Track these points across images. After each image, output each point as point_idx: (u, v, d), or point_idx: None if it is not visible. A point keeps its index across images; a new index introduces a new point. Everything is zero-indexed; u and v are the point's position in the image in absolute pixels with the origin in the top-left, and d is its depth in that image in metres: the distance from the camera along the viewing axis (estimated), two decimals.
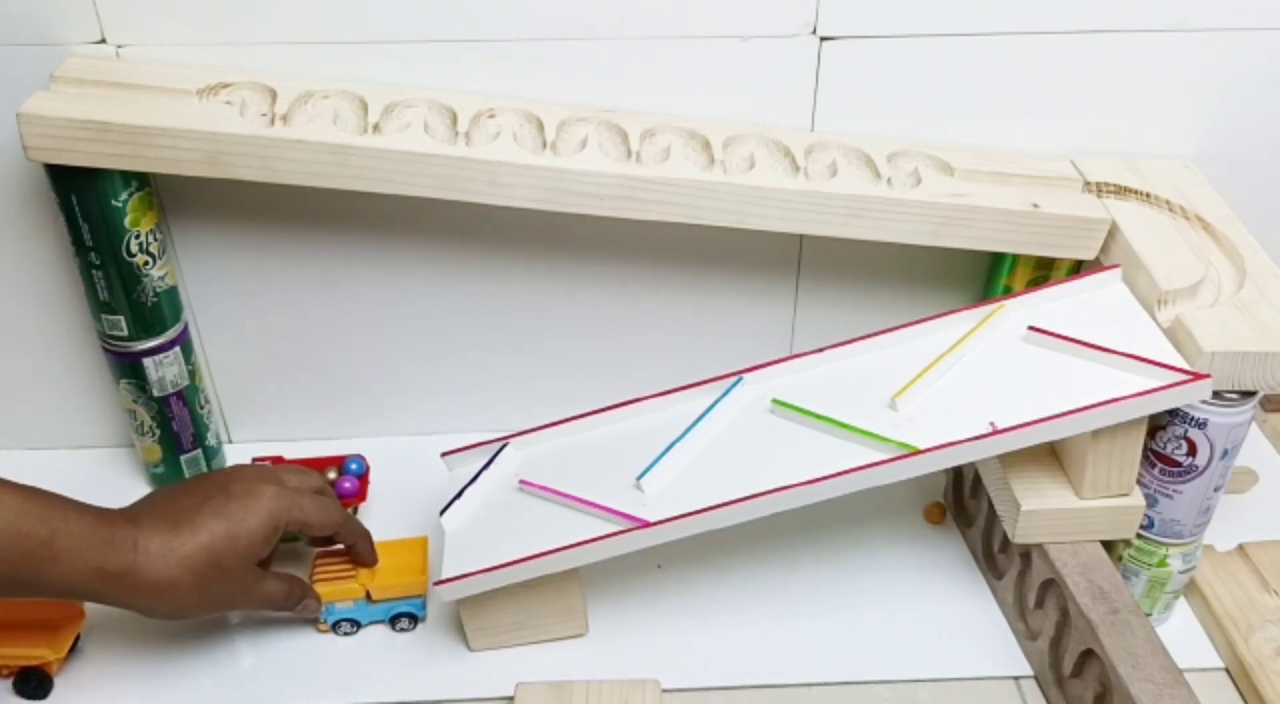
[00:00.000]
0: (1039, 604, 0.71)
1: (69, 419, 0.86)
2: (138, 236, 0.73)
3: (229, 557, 0.64)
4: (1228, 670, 0.71)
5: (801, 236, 0.81)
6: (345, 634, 0.72)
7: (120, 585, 0.61)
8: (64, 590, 0.60)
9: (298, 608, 0.70)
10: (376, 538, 0.73)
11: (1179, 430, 0.67)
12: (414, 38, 0.72)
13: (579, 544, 0.67)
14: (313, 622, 0.72)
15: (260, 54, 0.72)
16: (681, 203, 0.72)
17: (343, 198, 0.73)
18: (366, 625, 0.72)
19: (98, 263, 0.73)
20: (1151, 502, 0.69)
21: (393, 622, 0.72)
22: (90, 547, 0.60)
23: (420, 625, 0.73)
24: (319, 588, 0.71)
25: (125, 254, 0.73)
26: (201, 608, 0.65)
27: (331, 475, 0.80)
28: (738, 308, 0.84)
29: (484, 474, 0.74)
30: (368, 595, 0.71)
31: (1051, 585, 0.69)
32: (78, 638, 0.70)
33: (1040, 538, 0.69)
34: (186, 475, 0.83)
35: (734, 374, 0.74)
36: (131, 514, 0.63)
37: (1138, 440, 0.66)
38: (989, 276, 0.82)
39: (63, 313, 0.81)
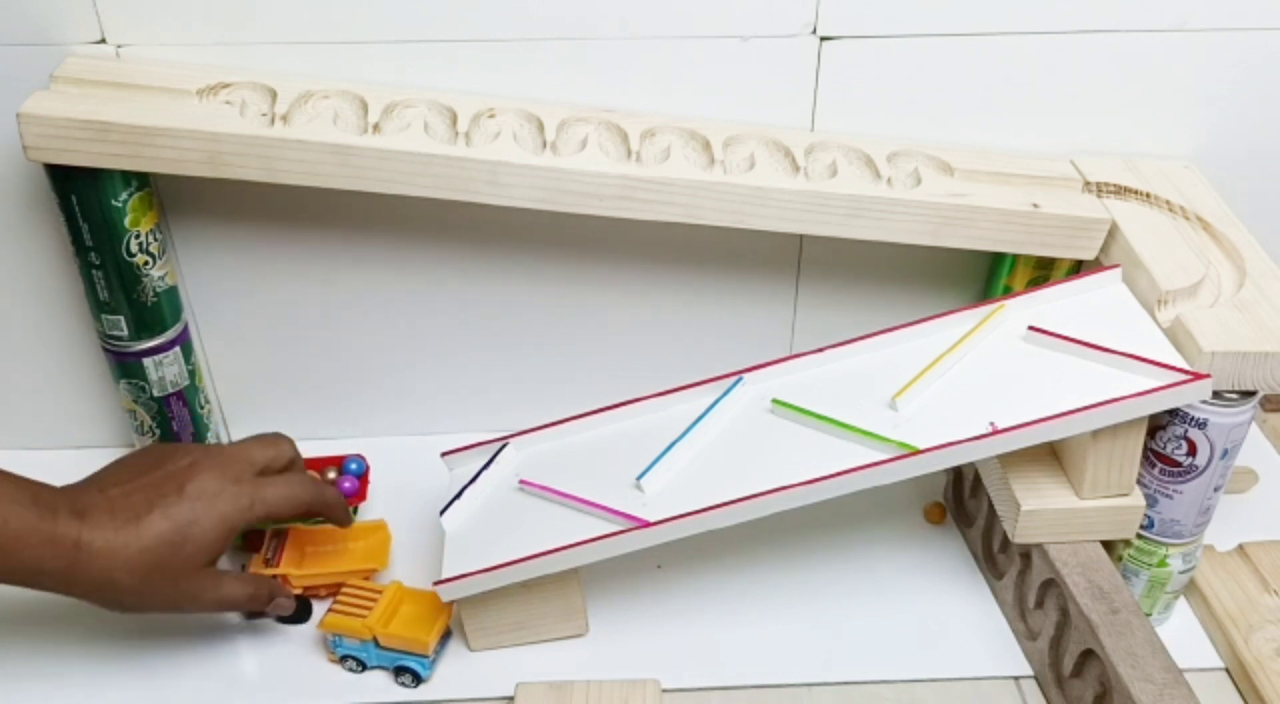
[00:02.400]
0: (1039, 604, 0.71)
1: (69, 419, 0.86)
2: (138, 236, 0.73)
3: (173, 562, 0.62)
4: (1228, 670, 0.71)
5: (801, 236, 0.81)
6: (350, 670, 0.70)
7: (56, 581, 0.60)
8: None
9: (268, 608, 0.68)
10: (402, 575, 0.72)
11: (1179, 430, 0.67)
12: (414, 38, 0.72)
13: (579, 544, 0.67)
14: (324, 650, 0.71)
15: (260, 54, 0.72)
16: (681, 203, 0.72)
17: (343, 198, 0.73)
18: (372, 668, 0.70)
19: (98, 263, 0.73)
20: (1151, 502, 0.69)
21: (396, 673, 0.70)
22: (29, 546, 0.59)
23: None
24: (331, 616, 0.69)
25: (125, 254, 0.73)
26: (143, 608, 0.64)
27: (331, 475, 0.80)
28: (738, 308, 0.84)
29: (484, 474, 0.74)
30: (375, 640, 0.69)
31: (1051, 585, 0.69)
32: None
33: (1040, 538, 0.69)
34: None
35: (734, 374, 0.74)
36: (78, 504, 0.61)
37: (1138, 440, 0.66)
38: (989, 276, 0.82)
39: (63, 313, 0.81)
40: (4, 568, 0.59)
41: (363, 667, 0.70)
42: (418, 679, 0.70)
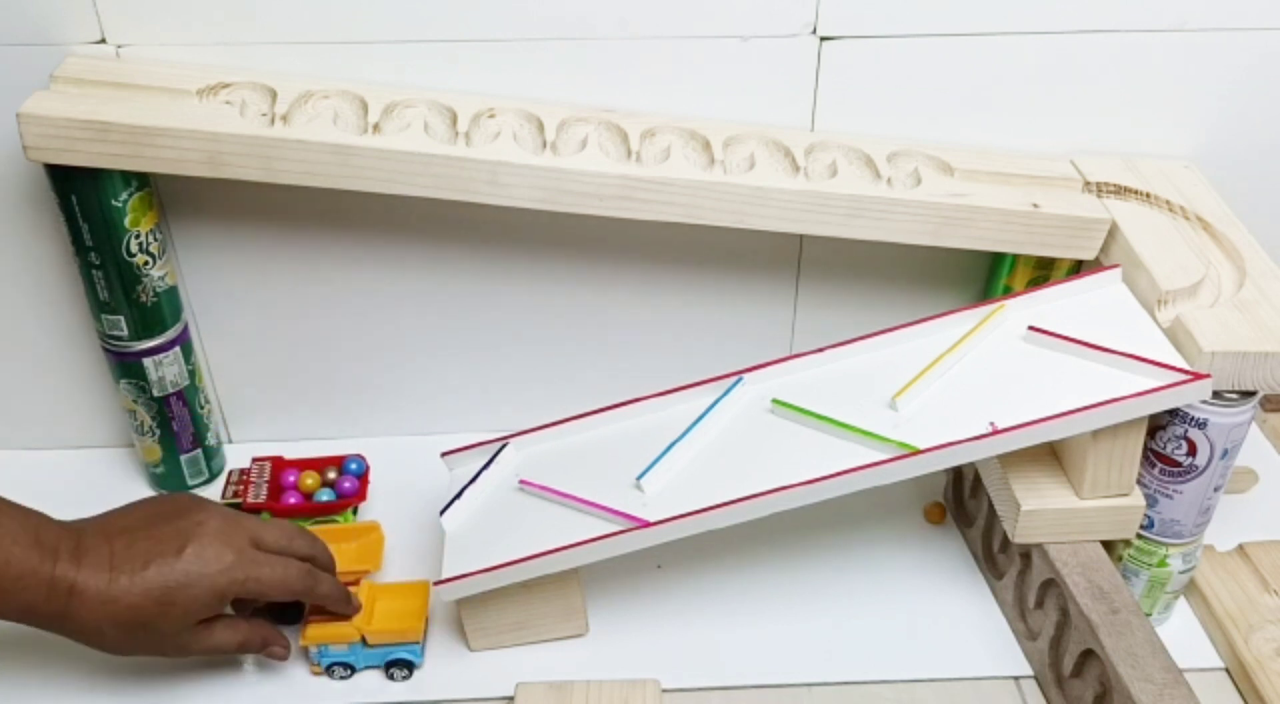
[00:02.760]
0: (1039, 604, 0.71)
1: (69, 419, 0.86)
2: (138, 236, 0.73)
3: (159, 620, 0.62)
4: (1228, 670, 0.71)
5: (801, 236, 0.81)
6: (339, 678, 0.70)
7: (46, 621, 0.61)
8: None
9: (262, 653, 0.68)
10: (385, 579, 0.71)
11: (1179, 430, 0.67)
12: (414, 38, 0.72)
13: (579, 544, 0.67)
14: (306, 663, 0.70)
15: (260, 54, 0.72)
16: (681, 203, 0.72)
17: (343, 198, 0.73)
18: (361, 670, 0.70)
19: (98, 263, 0.73)
20: (1151, 502, 0.69)
21: (387, 668, 0.70)
22: (26, 588, 0.59)
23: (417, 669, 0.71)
24: (312, 628, 0.69)
25: (125, 254, 0.73)
26: (130, 654, 0.64)
27: (331, 475, 0.80)
28: (738, 308, 0.84)
29: (484, 474, 0.74)
30: (363, 639, 0.69)
31: (1051, 585, 0.69)
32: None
33: (1040, 538, 0.69)
34: (186, 475, 0.83)
35: (734, 374, 0.74)
36: (80, 546, 0.61)
37: (1138, 440, 0.66)
38: (989, 276, 0.82)
39: (63, 313, 0.81)
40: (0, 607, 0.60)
41: (351, 671, 0.70)
42: (411, 669, 0.70)
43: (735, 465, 0.69)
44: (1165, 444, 0.68)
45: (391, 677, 0.70)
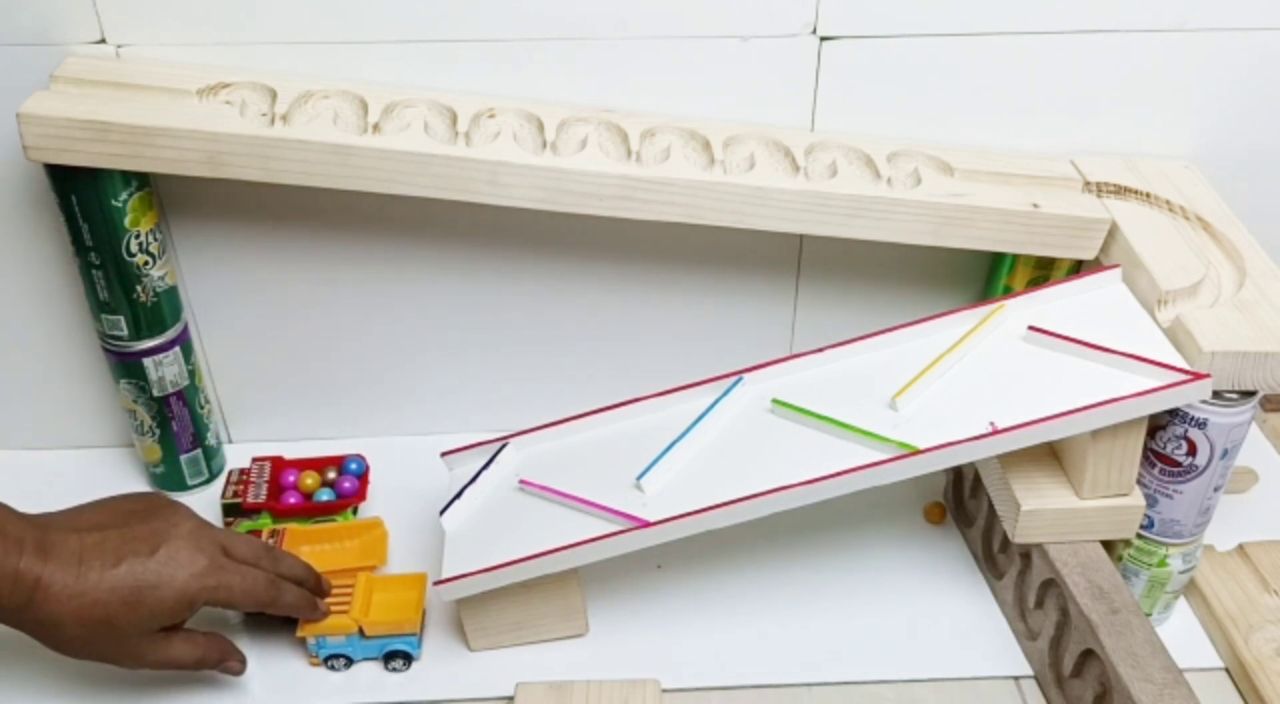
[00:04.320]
0: (1039, 604, 0.71)
1: (69, 419, 0.86)
2: (138, 236, 0.73)
3: (123, 620, 0.61)
4: (1228, 670, 0.71)
5: (801, 236, 0.81)
6: (336, 669, 0.70)
7: (6, 615, 0.59)
8: None
9: (217, 668, 0.67)
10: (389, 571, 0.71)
11: (1179, 430, 0.67)
12: (414, 38, 0.72)
13: (579, 544, 0.67)
14: (305, 655, 0.71)
15: (260, 54, 0.72)
16: (681, 203, 0.72)
17: (343, 198, 0.73)
18: (359, 662, 0.71)
19: (98, 263, 0.73)
20: (1151, 502, 0.69)
21: (386, 660, 0.70)
22: None
23: (415, 661, 0.71)
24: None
25: (125, 254, 0.73)
26: (84, 656, 0.63)
27: (331, 475, 0.80)
28: (738, 308, 0.84)
29: (484, 474, 0.74)
30: (360, 631, 0.69)
31: (1051, 585, 0.69)
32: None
33: (1040, 538, 0.69)
34: (186, 475, 0.83)
35: (734, 374, 0.74)
36: (46, 540, 0.60)
37: (1138, 440, 0.66)
38: (989, 276, 0.82)
39: (63, 313, 0.81)
40: None
41: (349, 663, 0.70)
42: (409, 661, 0.70)
43: (735, 465, 0.69)
44: (1165, 444, 0.68)
45: (390, 668, 0.70)
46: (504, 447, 0.76)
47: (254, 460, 0.82)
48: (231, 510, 0.79)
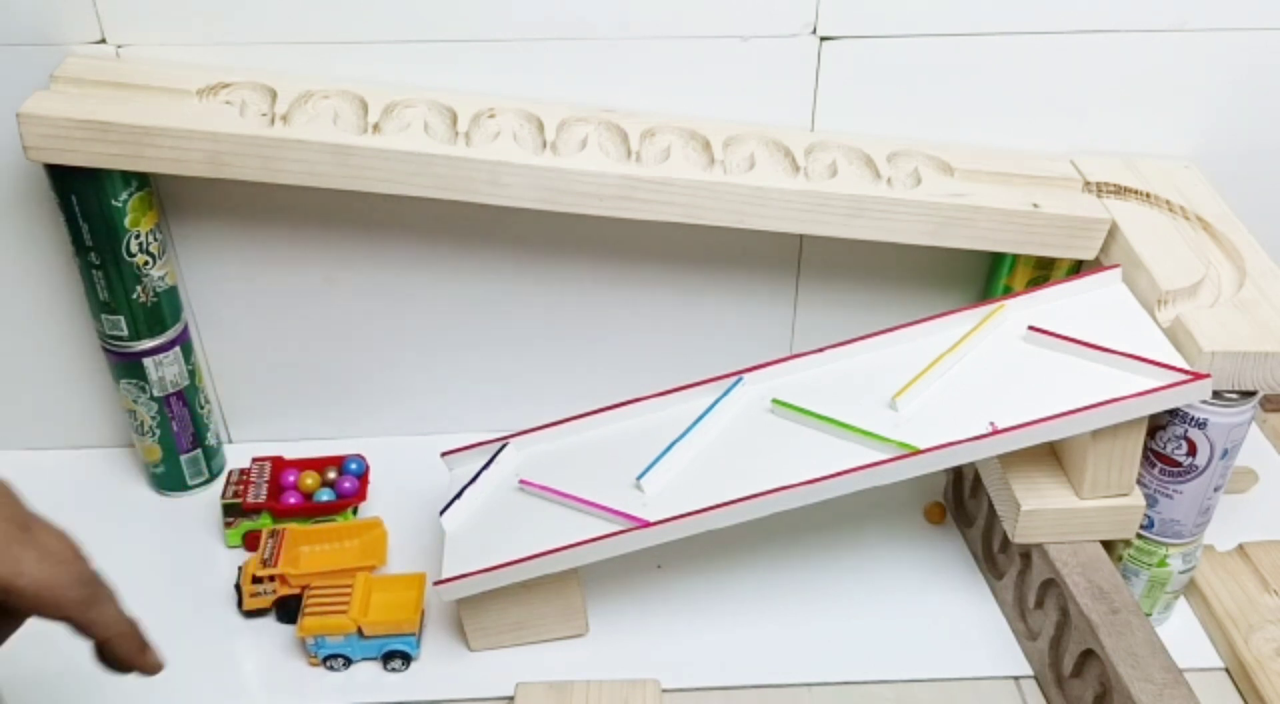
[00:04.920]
0: (1039, 604, 0.71)
1: (69, 419, 0.86)
2: (138, 236, 0.73)
3: None
4: (1228, 670, 0.71)
5: (801, 236, 0.81)
6: (335, 669, 0.70)
7: None
8: None
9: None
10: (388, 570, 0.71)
11: (1179, 430, 0.67)
12: (414, 38, 0.72)
13: (579, 544, 0.67)
14: (304, 655, 0.71)
15: (260, 54, 0.72)
16: (681, 203, 0.72)
17: (343, 198, 0.73)
18: (357, 661, 0.71)
19: (98, 263, 0.73)
20: (1151, 502, 0.69)
21: (384, 660, 0.70)
22: None
23: (414, 661, 0.71)
24: (309, 620, 0.69)
25: (125, 254, 0.73)
26: None
27: (331, 475, 0.80)
28: (738, 308, 0.84)
29: (484, 474, 0.74)
30: (359, 631, 0.69)
31: (1051, 585, 0.69)
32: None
33: (1040, 538, 0.69)
34: (186, 475, 0.83)
35: (734, 374, 0.74)
36: None
37: (1138, 440, 0.66)
38: (989, 276, 0.82)
39: (63, 313, 0.81)
40: None
41: (347, 663, 0.70)
42: (408, 661, 0.70)
43: (735, 465, 0.69)
44: (1165, 444, 0.68)
45: (389, 668, 0.70)
46: (504, 447, 0.76)
47: (254, 460, 0.82)
48: (231, 510, 0.78)
